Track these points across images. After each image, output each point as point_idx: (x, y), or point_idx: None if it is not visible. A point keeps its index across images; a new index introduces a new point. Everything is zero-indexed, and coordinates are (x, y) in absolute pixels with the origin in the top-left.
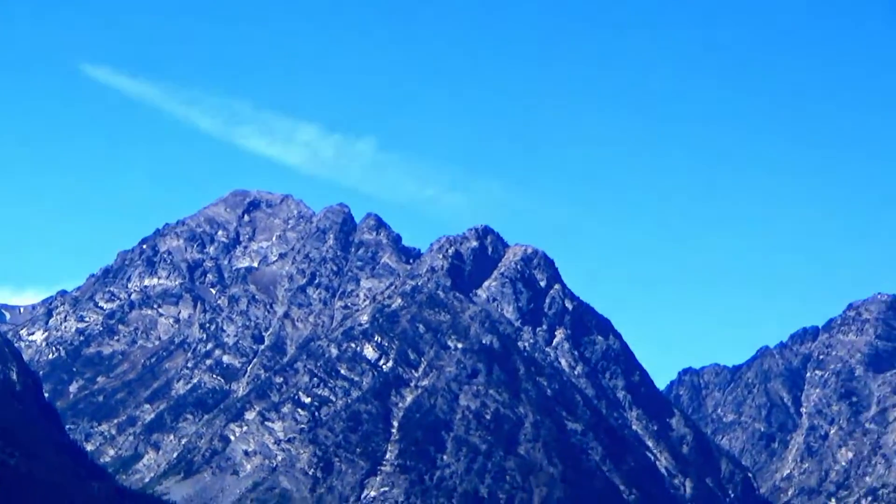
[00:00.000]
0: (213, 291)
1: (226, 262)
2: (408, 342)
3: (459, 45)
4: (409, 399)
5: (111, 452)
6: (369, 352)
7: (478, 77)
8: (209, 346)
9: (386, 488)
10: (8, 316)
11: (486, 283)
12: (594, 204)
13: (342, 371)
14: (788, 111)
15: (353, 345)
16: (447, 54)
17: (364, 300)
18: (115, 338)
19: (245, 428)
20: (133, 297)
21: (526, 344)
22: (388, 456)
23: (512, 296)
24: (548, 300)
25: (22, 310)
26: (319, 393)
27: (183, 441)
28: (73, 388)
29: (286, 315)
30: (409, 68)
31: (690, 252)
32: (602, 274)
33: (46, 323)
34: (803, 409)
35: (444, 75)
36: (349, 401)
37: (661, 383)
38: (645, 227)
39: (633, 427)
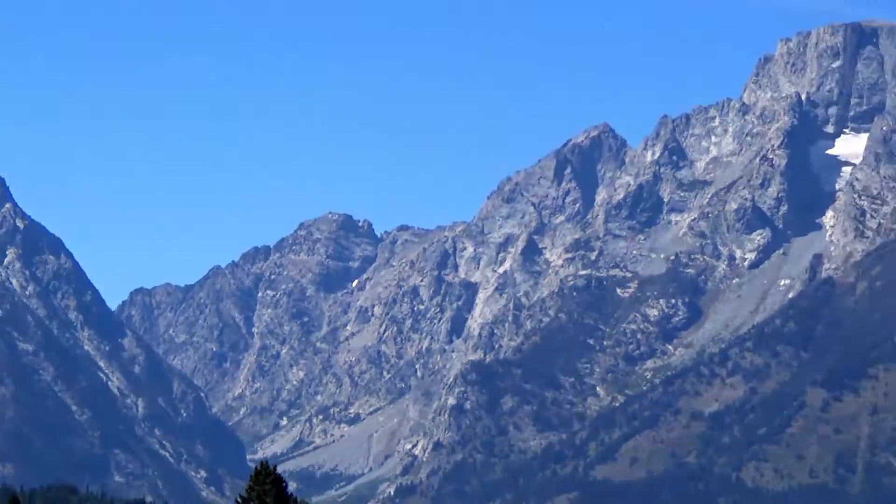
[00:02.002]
0: None
1: None
2: None
3: None
4: None
5: None
6: None
7: None
8: None
9: None
10: None
11: None
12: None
13: None
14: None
15: None
16: None
17: None
18: None
19: None
20: None
21: None
22: None
23: None
24: None
25: None
26: None
27: None
28: None
29: None
30: None
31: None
32: (54, 193)
33: None
34: (255, 329)
35: None
36: None
37: (113, 303)
38: (101, 145)
39: (86, 347)
